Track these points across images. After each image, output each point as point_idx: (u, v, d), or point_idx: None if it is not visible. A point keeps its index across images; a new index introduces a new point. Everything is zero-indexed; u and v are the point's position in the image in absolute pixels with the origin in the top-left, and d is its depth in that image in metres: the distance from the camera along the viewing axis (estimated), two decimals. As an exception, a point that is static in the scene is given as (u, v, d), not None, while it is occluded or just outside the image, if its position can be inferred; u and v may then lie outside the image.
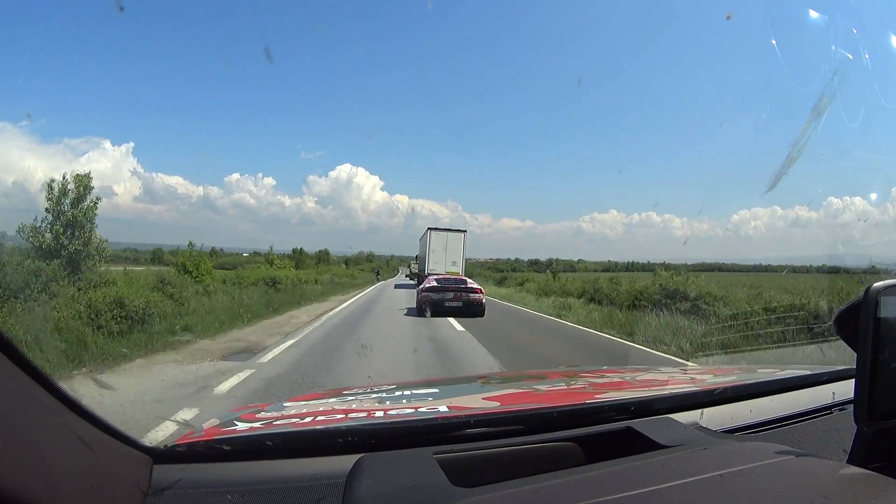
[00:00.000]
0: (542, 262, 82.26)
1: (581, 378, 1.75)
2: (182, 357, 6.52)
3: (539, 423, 0.95)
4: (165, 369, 5.76)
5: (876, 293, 0.69)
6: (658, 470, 0.70)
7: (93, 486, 0.61)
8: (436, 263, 23.24)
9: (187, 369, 5.77)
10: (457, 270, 22.95)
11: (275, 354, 6.72)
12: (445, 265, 23.13)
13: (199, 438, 0.93)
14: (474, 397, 1.40)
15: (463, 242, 24.13)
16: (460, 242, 24.13)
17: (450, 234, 24.20)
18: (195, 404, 4.31)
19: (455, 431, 0.91)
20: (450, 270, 22.70)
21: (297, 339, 8.15)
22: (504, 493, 0.65)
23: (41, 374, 0.60)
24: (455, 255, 23.72)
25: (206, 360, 6.29)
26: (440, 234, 24.07)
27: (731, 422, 1.07)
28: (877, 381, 0.68)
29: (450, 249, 23.67)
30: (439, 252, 23.55)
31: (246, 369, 5.71)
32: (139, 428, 3.38)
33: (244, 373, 5.53)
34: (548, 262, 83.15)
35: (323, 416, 1.12)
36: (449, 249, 23.62)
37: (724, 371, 2.00)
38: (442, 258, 23.43)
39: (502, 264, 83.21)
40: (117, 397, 4.36)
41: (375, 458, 0.78)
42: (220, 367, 5.92)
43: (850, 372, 1.09)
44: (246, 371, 5.62)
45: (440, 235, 23.97)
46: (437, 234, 23.98)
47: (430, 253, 23.56)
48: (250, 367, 5.87)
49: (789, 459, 0.72)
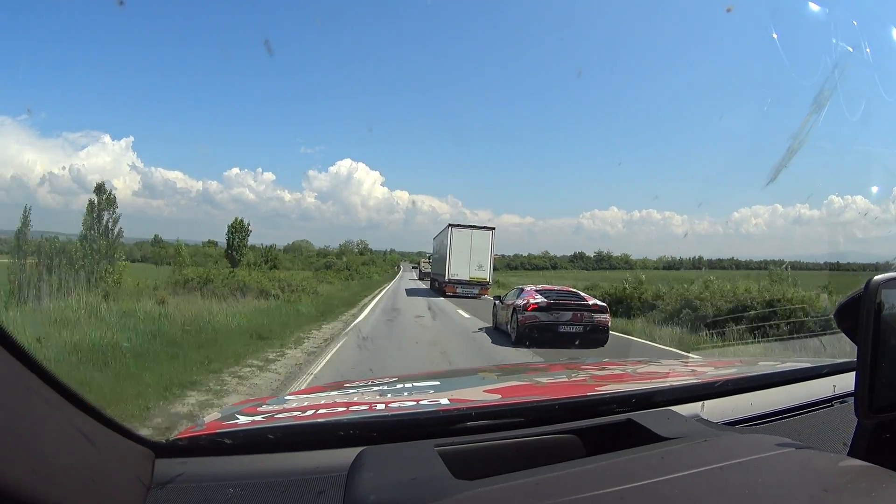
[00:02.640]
0: (589, 258, 73.90)
1: (582, 370, 1.75)
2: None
3: (540, 415, 0.95)
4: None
5: (876, 286, 0.69)
6: (658, 462, 0.70)
7: (94, 480, 0.61)
8: (459, 266, 19.98)
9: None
10: (484, 276, 20.17)
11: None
12: (470, 269, 20.05)
13: (200, 432, 0.93)
14: (475, 390, 1.40)
15: (490, 242, 20.72)
16: (487, 242, 20.62)
17: (475, 231, 20.82)
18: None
19: (456, 424, 0.91)
20: (475, 276, 19.96)
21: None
22: (505, 485, 0.65)
23: (42, 369, 0.60)
24: (481, 256, 20.39)
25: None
26: (463, 232, 20.54)
27: (731, 414, 1.07)
28: (877, 374, 0.68)
29: (475, 250, 20.20)
30: (463, 253, 20.11)
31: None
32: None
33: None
34: (599, 257, 73.15)
35: (324, 410, 1.12)
36: (474, 250, 20.21)
37: (725, 363, 2.00)
38: (466, 260, 20.10)
39: (537, 259, 74.96)
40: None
41: (377, 451, 0.78)
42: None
43: (850, 365, 1.09)
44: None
45: (463, 234, 20.49)
46: (461, 233, 20.49)
47: (451, 254, 20.11)
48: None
49: (790, 452, 0.72)
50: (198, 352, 6.67)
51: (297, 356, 7.12)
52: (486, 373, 1.90)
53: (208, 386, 5.18)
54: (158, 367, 5.62)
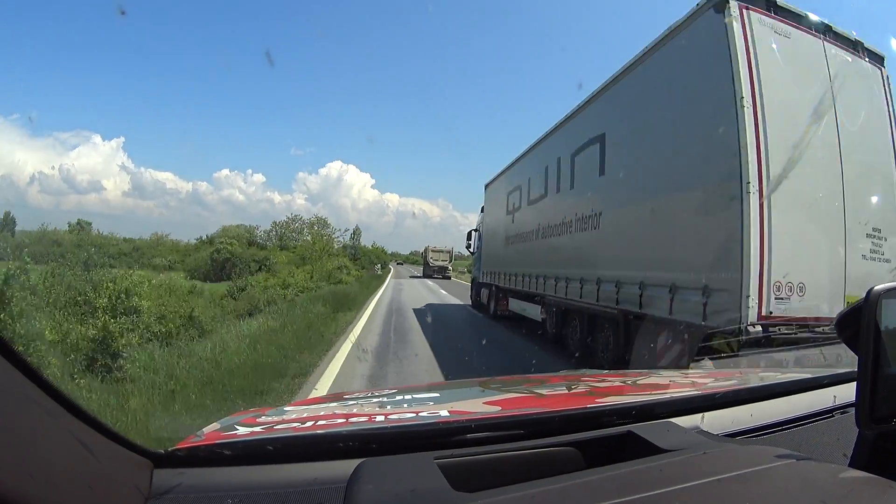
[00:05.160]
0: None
1: (582, 382, 1.74)
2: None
3: (540, 427, 0.94)
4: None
5: (877, 296, 0.69)
6: (658, 474, 0.70)
7: (93, 489, 0.60)
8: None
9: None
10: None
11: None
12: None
13: (199, 443, 0.93)
14: (475, 402, 1.39)
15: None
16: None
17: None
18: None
19: (456, 436, 0.90)
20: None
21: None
22: (505, 497, 0.65)
23: (41, 378, 0.60)
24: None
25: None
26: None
27: (732, 426, 1.06)
28: (878, 385, 0.68)
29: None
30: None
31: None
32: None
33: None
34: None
35: (324, 421, 1.12)
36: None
37: (725, 375, 1.99)
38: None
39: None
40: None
41: (376, 463, 0.78)
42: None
43: (851, 375, 1.09)
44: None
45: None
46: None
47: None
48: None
49: (790, 463, 0.72)
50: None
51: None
52: (485, 385, 1.90)
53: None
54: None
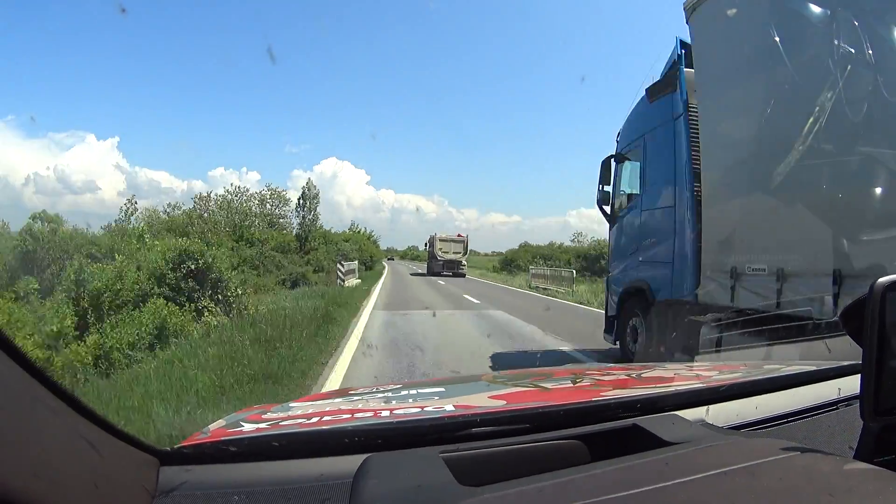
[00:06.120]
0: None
1: (587, 376, 1.74)
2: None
3: (545, 421, 0.95)
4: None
5: (881, 288, 0.69)
6: (663, 467, 0.70)
7: (98, 487, 0.61)
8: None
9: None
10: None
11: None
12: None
13: (205, 440, 0.93)
14: (480, 396, 1.40)
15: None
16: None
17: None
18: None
19: (461, 431, 0.91)
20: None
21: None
22: (510, 492, 0.65)
23: (45, 376, 0.60)
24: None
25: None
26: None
27: (736, 418, 1.06)
28: (882, 377, 0.68)
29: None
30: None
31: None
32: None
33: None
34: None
35: (329, 417, 1.12)
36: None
37: (730, 367, 1.99)
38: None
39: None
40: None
41: (382, 458, 0.78)
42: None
43: (855, 367, 1.09)
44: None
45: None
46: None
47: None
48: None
49: (795, 456, 0.72)
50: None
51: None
52: (490, 379, 1.90)
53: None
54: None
